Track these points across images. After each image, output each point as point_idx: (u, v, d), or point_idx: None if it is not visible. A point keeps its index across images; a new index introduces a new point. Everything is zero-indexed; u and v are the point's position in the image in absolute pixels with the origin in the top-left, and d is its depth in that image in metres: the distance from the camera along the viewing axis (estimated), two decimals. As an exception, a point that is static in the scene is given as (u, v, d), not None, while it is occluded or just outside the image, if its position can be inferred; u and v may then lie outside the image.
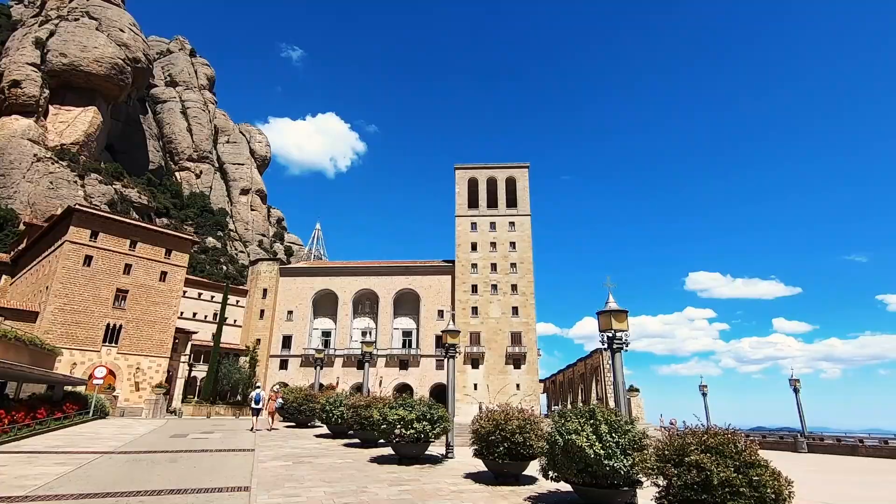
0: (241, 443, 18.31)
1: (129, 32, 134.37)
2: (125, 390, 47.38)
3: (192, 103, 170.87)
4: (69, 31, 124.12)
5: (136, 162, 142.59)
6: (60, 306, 45.34)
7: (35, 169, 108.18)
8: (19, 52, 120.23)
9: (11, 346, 20.89)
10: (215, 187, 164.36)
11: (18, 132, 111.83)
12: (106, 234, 49.65)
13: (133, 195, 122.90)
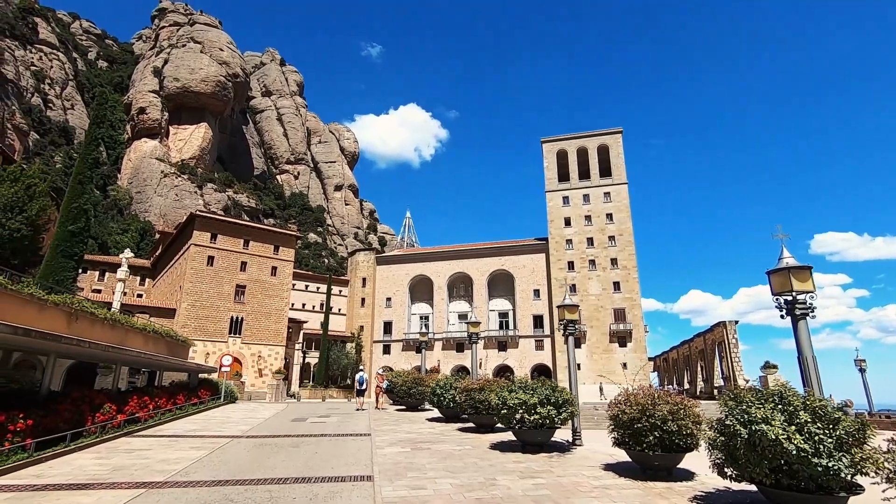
0: (357, 427, 18.40)
1: (228, 51, 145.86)
2: (250, 376, 51.71)
3: (286, 110, 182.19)
4: (179, 57, 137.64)
5: (243, 169, 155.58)
6: (192, 303, 50.35)
7: (163, 184, 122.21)
8: (143, 83, 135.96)
9: (152, 339, 22.96)
10: (312, 186, 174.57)
11: (148, 153, 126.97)
12: (223, 235, 54.14)
13: (243, 199, 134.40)
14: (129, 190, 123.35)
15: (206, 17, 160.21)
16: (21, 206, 36.92)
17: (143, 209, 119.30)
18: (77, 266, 30.58)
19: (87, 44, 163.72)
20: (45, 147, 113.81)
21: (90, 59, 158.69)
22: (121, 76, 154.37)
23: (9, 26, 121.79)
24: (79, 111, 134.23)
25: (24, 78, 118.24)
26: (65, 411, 12.86)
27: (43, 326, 12.91)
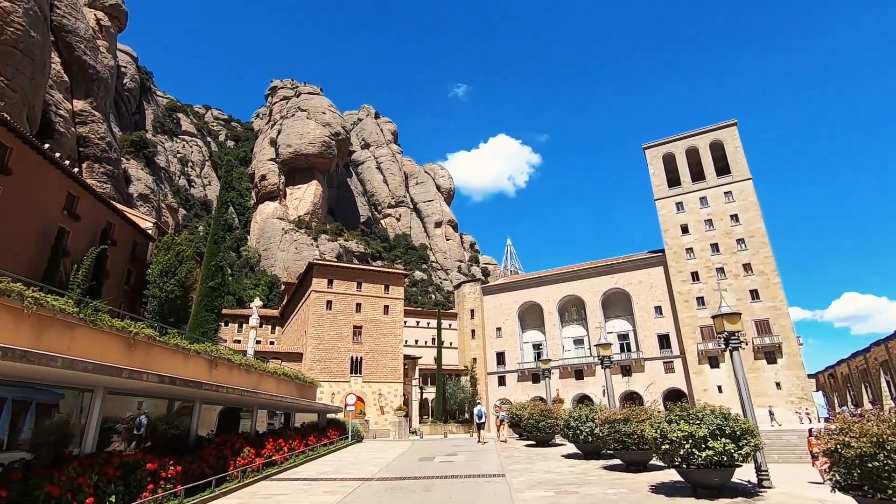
0: (488, 466, 17.12)
1: (329, 113, 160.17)
2: (373, 414, 52.87)
3: (384, 158, 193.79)
4: (289, 126, 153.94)
5: (351, 217, 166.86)
6: (316, 345, 53.36)
7: (284, 240, 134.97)
8: (262, 153, 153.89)
9: (283, 382, 24.02)
10: (413, 226, 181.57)
11: (270, 214, 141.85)
12: (338, 280, 57.27)
13: (352, 246, 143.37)
14: (257, 248, 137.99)
15: (309, 87, 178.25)
16: (173, 271, 42.17)
17: (269, 264, 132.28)
18: (218, 319, 33.75)
19: (217, 128, 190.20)
20: (191, 220, 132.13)
21: (220, 141, 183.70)
22: (245, 151, 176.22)
23: (160, 124, 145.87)
24: (214, 186, 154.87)
25: (172, 164, 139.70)
26: (209, 456, 13.36)
27: (188, 374, 13.70)
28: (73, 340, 9.93)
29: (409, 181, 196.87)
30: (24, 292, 8.61)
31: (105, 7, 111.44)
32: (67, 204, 36.83)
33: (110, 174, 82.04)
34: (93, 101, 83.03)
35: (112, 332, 11.04)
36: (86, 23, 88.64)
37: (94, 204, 40.53)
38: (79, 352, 9.80)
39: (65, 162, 39.03)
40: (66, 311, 9.55)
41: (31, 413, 10.19)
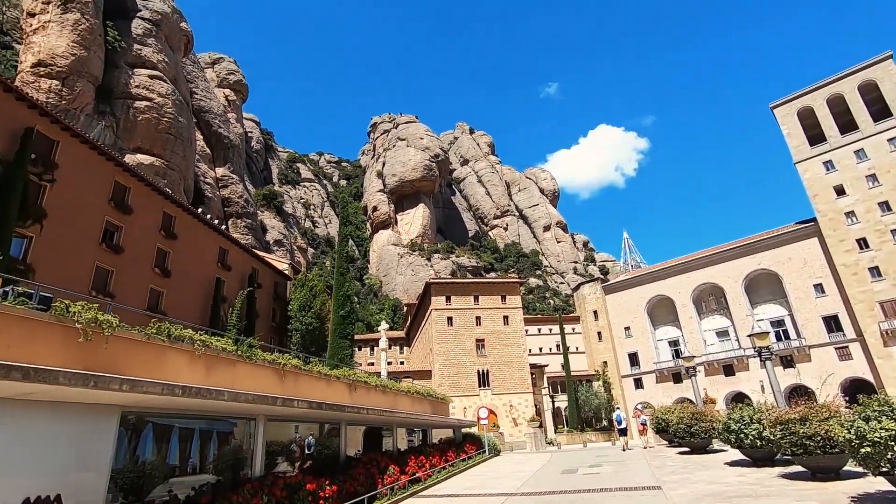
0: (639, 477, 15.82)
1: (427, 138, 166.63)
2: (506, 426, 52.45)
3: (483, 171, 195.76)
4: (392, 157, 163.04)
5: (459, 234, 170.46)
6: (442, 362, 54.73)
7: (400, 264, 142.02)
8: (371, 186, 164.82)
9: (417, 400, 24.85)
10: (521, 233, 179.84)
11: (385, 241, 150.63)
12: (455, 296, 58.44)
13: (465, 261, 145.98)
14: (377, 275, 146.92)
15: (405, 117, 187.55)
16: (309, 305, 46.35)
17: (390, 288, 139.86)
18: (351, 344, 36.27)
19: (330, 171, 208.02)
20: (318, 257, 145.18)
21: (335, 182, 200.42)
22: (356, 186, 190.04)
23: (283, 175, 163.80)
24: (334, 223, 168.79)
25: (298, 209, 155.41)
26: (359, 475, 14.14)
27: (332, 399, 14.73)
28: (236, 375, 11.21)
29: (512, 189, 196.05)
30: (194, 337, 9.92)
31: (231, 84, 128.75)
32: (220, 257, 42.42)
33: (250, 226, 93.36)
34: (230, 166, 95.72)
35: (265, 366, 12.29)
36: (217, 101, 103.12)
37: (241, 254, 46.20)
38: (241, 385, 11.04)
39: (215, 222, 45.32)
40: (227, 350, 10.82)
41: (213, 441, 11.68)
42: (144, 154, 63.58)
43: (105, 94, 61.99)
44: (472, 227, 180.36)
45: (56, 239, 27.05)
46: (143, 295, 32.96)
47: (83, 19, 59.04)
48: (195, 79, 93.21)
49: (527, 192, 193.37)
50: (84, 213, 29.22)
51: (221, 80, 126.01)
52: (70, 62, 56.40)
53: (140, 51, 68.71)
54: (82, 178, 29.36)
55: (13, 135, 25.27)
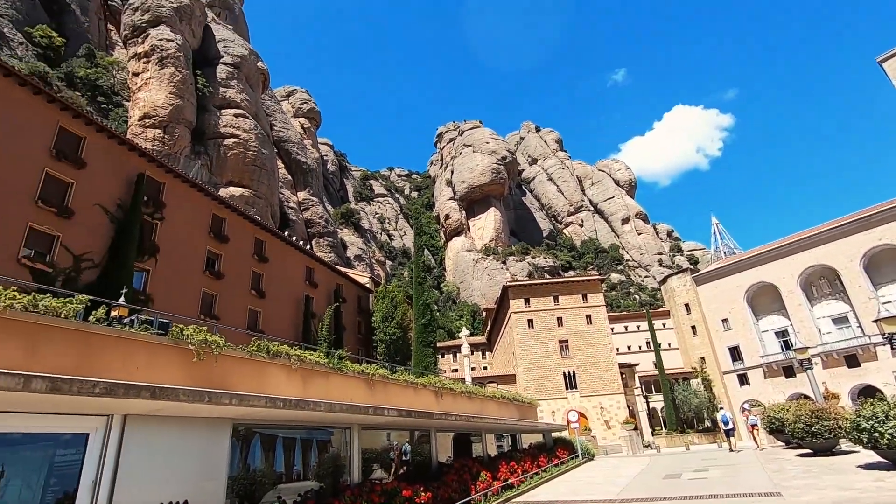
0: (753, 482, 14.53)
1: (492, 141, 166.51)
2: (598, 429, 50.48)
3: (553, 168, 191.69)
4: (460, 164, 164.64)
5: (533, 234, 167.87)
6: (526, 366, 53.96)
7: (476, 269, 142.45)
8: (441, 195, 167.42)
9: (504, 405, 24.69)
10: (598, 228, 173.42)
11: (459, 248, 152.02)
12: (534, 297, 57.52)
13: (541, 261, 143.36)
14: (454, 282, 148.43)
15: (470, 123, 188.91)
16: (391, 316, 47.86)
17: (468, 294, 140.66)
18: (434, 352, 36.94)
19: (401, 184, 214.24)
20: (396, 268, 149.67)
21: (406, 194, 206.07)
22: (427, 196, 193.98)
23: (358, 193, 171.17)
24: (409, 235, 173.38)
25: (374, 224, 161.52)
26: (452, 481, 14.29)
27: (419, 406, 15.07)
28: (329, 387, 11.85)
29: (584, 184, 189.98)
30: (289, 352, 10.64)
31: (305, 113, 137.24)
32: (307, 276, 45.09)
33: (332, 244, 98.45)
34: (310, 189, 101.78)
35: (355, 376, 12.87)
36: (294, 130, 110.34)
37: (325, 271, 48.79)
38: (334, 396, 11.65)
39: (300, 243, 48.33)
40: (319, 363, 11.48)
41: (313, 450, 12.42)
42: (235, 186, 69.47)
43: (199, 136, 68.69)
44: (545, 227, 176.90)
45: (168, 270, 30.29)
46: (243, 315, 35.88)
47: (177, 72, 65.99)
48: (273, 112, 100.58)
49: (600, 185, 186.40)
50: (189, 245, 32.47)
51: (296, 110, 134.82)
52: (169, 111, 63.18)
53: (225, 93, 75.43)
54: (186, 214, 32.69)
55: (128, 181, 28.76)
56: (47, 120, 25.12)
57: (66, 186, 25.34)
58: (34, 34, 61.77)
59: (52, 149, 24.89)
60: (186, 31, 75.39)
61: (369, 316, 53.45)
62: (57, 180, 24.95)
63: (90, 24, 75.16)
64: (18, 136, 23.59)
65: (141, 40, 69.62)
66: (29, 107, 24.36)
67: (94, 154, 27.02)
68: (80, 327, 7.39)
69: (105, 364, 7.45)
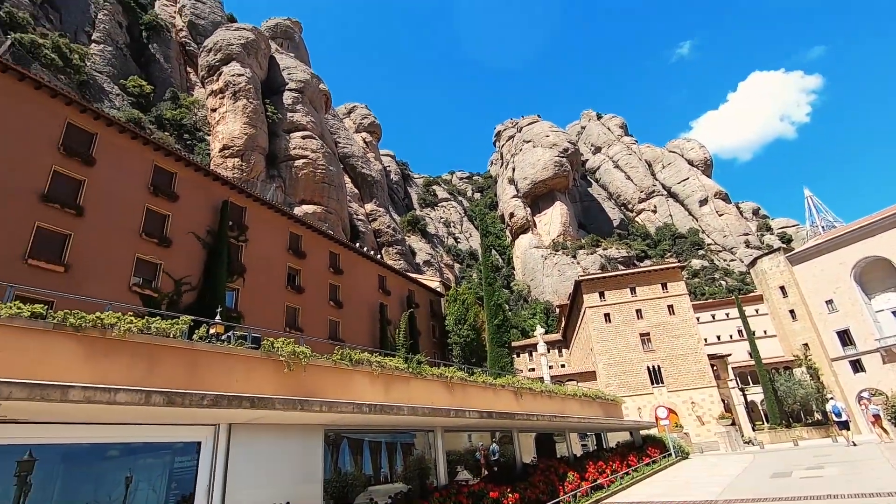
0: (880, 480, 13.03)
1: (552, 134, 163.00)
2: (691, 426, 47.56)
3: (619, 155, 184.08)
4: (520, 160, 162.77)
5: (603, 225, 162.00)
6: (605, 361, 52.09)
7: (545, 265, 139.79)
8: (504, 194, 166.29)
9: (586, 403, 24.02)
10: (674, 213, 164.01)
11: (526, 246, 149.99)
12: (609, 290, 55.45)
13: (613, 252, 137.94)
14: (524, 280, 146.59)
15: (527, 119, 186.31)
16: (464, 318, 48.18)
17: (539, 292, 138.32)
18: (510, 352, 36.69)
19: (463, 187, 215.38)
20: (465, 271, 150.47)
21: (469, 196, 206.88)
22: (490, 197, 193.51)
23: (423, 200, 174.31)
24: (475, 236, 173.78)
25: (439, 229, 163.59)
26: (538, 482, 14.12)
27: (499, 407, 15.06)
28: (410, 391, 12.17)
29: (654, 168, 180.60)
30: (370, 359, 11.07)
31: (366, 128, 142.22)
32: (380, 284, 46.55)
33: (401, 252, 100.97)
34: (376, 200, 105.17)
35: (434, 380, 13.12)
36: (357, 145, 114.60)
37: (397, 279, 50.11)
38: (415, 399, 11.94)
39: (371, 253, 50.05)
40: (399, 368, 11.84)
41: (398, 453, 12.81)
42: (308, 204, 73.34)
43: (272, 160, 73.35)
44: (615, 217, 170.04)
45: (255, 288, 32.56)
46: (324, 326, 37.73)
47: (248, 103, 70.97)
48: (337, 129, 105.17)
49: (672, 167, 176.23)
50: (271, 263, 34.73)
51: (358, 125, 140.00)
52: (244, 141, 68.07)
53: (292, 117, 80.00)
54: (266, 234, 35.02)
55: (214, 209, 31.32)
56: (144, 160, 28.01)
57: (163, 218, 28.09)
58: (128, 85, 69.18)
59: (150, 186, 27.71)
60: (254, 64, 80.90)
61: (442, 320, 54.15)
62: (156, 214, 27.72)
63: (172, 69, 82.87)
64: (123, 177, 26.50)
65: (216, 78, 75.66)
66: (129, 150, 27.30)
67: (184, 187, 29.74)
68: (186, 345, 8.16)
69: (210, 378, 8.19)
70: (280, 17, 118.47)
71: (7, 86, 22.59)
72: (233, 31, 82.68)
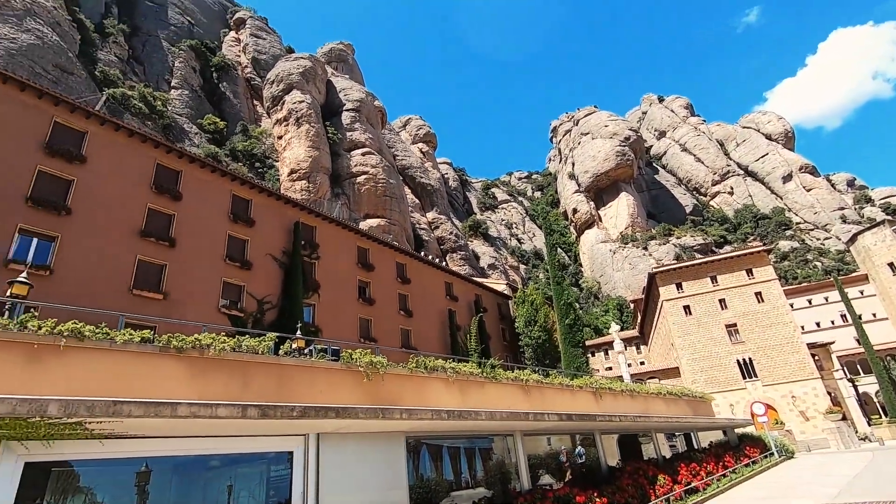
0: None
1: (611, 124, 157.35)
2: (794, 423, 43.59)
3: (686, 137, 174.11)
4: (579, 154, 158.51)
5: (674, 213, 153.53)
6: (689, 356, 49.13)
7: (615, 260, 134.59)
8: (566, 189, 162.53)
9: (671, 401, 22.78)
10: (753, 192, 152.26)
11: (593, 241, 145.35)
12: (686, 281, 52.37)
13: (687, 240, 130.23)
14: (593, 277, 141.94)
15: (584, 110, 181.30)
16: (534, 319, 47.48)
17: (610, 287, 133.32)
18: (584, 352, 35.62)
19: (522, 187, 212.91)
20: (530, 271, 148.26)
21: (529, 196, 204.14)
22: (550, 194, 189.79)
23: (482, 203, 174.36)
24: (538, 236, 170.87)
25: (501, 231, 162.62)
26: (627, 486, 13.56)
27: (578, 409, 14.67)
28: (485, 395, 12.18)
29: (727, 146, 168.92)
30: (444, 365, 11.21)
31: (422, 138, 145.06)
32: (447, 290, 47.01)
33: (465, 257, 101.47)
34: (437, 208, 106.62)
35: (509, 383, 13.04)
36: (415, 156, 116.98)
37: (463, 284, 50.38)
38: (491, 404, 11.93)
39: (436, 260, 50.72)
40: (473, 373, 11.89)
41: (477, 458, 12.83)
42: (372, 218, 75.73)
43: (336, 179, 76.60)
44: (687, 202, 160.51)
45: (329, 302, 34.06)
46: (396, 335, 38.67)
47: (311, 127, 74.77)
48: (394, 143, 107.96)
49: (748, 143, 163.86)
50: (342, 277, 36.19)
51: (414, 136, 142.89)
52: (309, 163, 71.68)
53: (351, 136, 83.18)
54: (336, 250, 36.57)
55: (287, 230, 33.20)
56: (223, 191, 30.30)
57: (243, 243, 30.19)
58: (204, 123, 75.27)
59: (230, 213, 29.92)
60: (313, 89, 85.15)
61: (511, 322, 53.64)
62: (237, 239, 29.86)
63: (241, 104, 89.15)
64: (206, 208, 28.82)
65: (279, 107, 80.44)
66: (210, 183, 29.68)
67: (259, 212, 31.82)
68: (274, 361, 8.72)
69: (296, 390, 8.68)
70: (333, 42, 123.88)
71: (106, 136, 25.37)
72: (291, 62, 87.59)
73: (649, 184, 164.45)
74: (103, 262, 23.00)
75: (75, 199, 23.05)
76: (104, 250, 23.23)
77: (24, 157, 21.99)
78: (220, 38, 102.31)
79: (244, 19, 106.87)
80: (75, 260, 22.06)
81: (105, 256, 23.16)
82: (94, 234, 23.18)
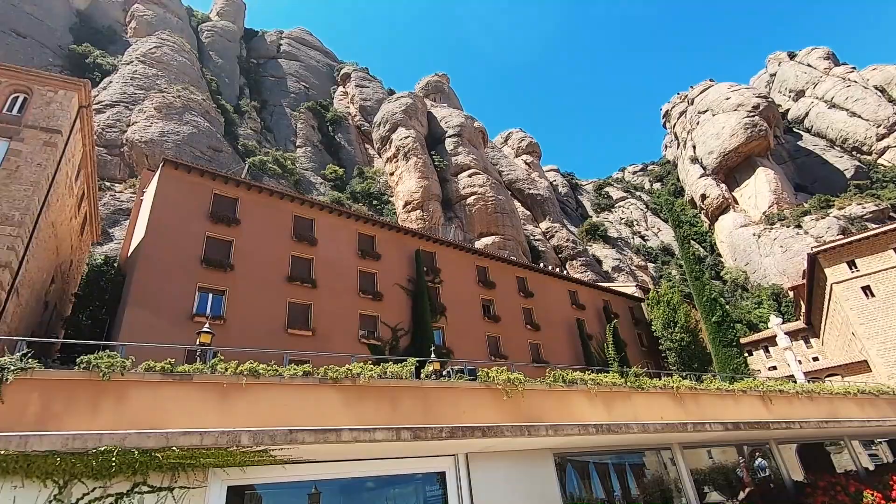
0: None
1: (733, 95, 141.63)
2: None
3: (832, 91, 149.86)
4: (699, 134, 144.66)
5: (830, 181, 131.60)
6: (878, 347, 41.11)
7: (761, 244, 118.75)
8: (689, 176, 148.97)
9: (867, 401, 19.17)
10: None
11: (730, 227, 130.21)
12: (861, 257, 44.33)
13: (854, 210, 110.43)
14: (737, 266, 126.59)
15: (698, 87, 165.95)
16: (672, 320, 43.72)
17: (759, 276, 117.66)
18: (740, 351, 31.67)
19: (638, 181, 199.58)
20: (661, 269, 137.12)
21: (647, 189, 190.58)
22: (672, 183, 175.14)
23: (597, 205, 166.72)
24: (664, 230, 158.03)
25: (622, 231, 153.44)
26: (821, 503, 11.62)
27: (742, 416, 13.05)
28: (633, 406, 11.42)
29: (891, 92, 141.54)
30: (584, 377, 10.80)
31: (525, 150, 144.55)
32: (572, 299, 45.48)
33: (586, 263, 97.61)
34: (550, 217, 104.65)
35: (658, 392, 12.09)
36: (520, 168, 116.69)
37: (588, 291, 48.38)
38: (639, 415, 11.14)
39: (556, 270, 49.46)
40: (616, 384, 11.26)
41: (628, 474, 12.01)
42: (486, 236, 76.72)
43: (447, 204, 79.33)
44: (846, 166, 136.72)
45: (456, 323, 34.95)
46: (525, 350, 38.21)
47: (418, 159, 78.84)
48: (498, 159, 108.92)
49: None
50: (466, 299, 36.98)
51: (517, 149, 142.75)
52: (421, 193, 75.34)
53: (456, 160, 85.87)
54: (457, 272, 37.61)
55: (409, 259, 35.03)
56: (350, 231, 33.13)
57: (372, 276, 32.51)
58: (326, 173, 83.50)
59: (358, 251, 32.53)
60: (416, 124, 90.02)
61: (647, 326, 49.84)
62: (367, 273, 32.27)
63: (354, 150, 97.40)
64: (338, 248, 31.72)
65: (388, 146, 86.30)
66: (338, 226, 32.68)
67: (383, 246, 34.12)
68: (417, 384, 9.17)
69: (441, 411, 9.00)
70: (429, 76, 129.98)
71: (252, 199, 29.43)
72: (393, 102, 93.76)
73: (792, 153, 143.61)
74: (262, 308, 26.38)
75: (235, 256, 26.92)
76: (261, 297, 26.66)
77: (197, 226, 26.37)
78: (330, 94, 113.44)
79: (349, 73, 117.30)
80: (240, 308, 25.61)
81: (262, 302, 26.55)
82: (253, 285, 26.76)
